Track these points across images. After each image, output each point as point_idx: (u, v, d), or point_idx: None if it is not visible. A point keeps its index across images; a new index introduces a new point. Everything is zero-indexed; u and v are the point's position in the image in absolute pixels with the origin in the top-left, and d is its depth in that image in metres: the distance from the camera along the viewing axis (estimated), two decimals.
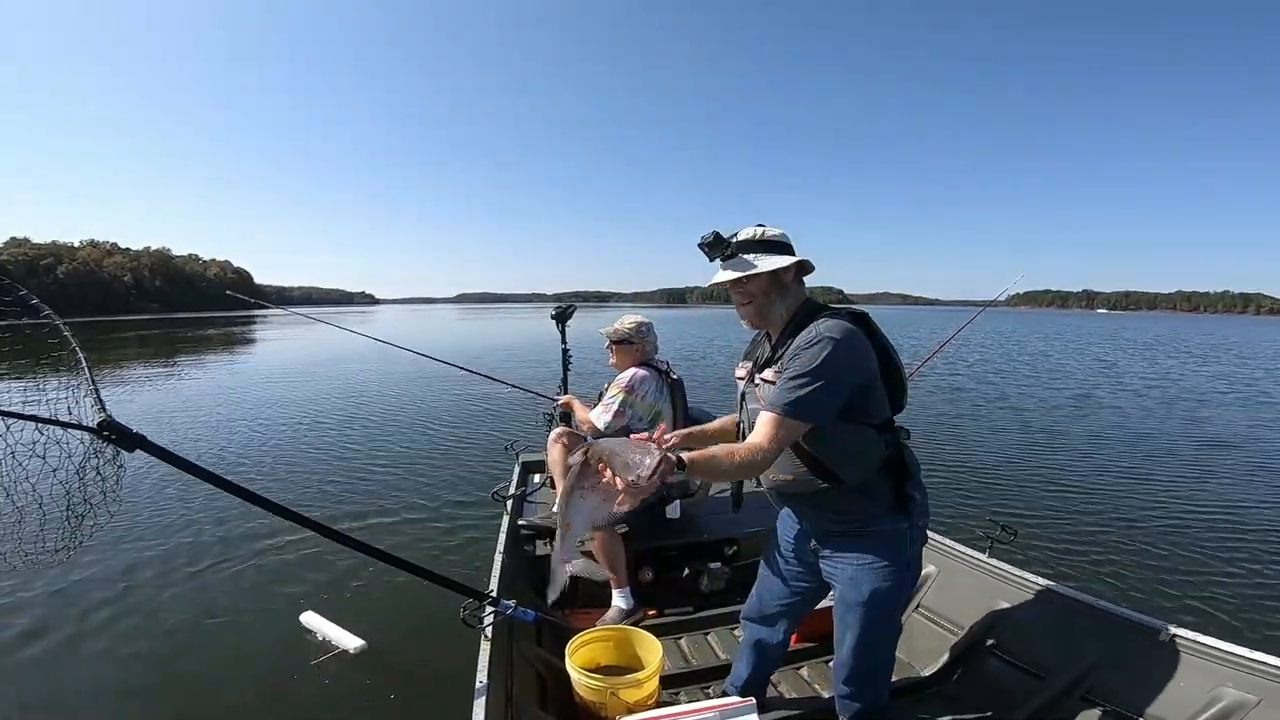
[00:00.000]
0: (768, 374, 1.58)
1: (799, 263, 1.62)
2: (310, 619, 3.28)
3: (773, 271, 1.59)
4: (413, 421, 8.80)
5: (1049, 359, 20.25)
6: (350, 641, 3.08)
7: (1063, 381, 14.50)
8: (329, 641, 3.11)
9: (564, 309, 3.80)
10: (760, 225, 1.66)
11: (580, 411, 3.00)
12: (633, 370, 2.83)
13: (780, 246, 1.63)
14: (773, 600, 1.91)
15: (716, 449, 1.48)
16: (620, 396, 2.77)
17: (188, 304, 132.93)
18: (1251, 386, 14.09)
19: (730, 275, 1.62)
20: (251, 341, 29.11)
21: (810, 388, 1.44)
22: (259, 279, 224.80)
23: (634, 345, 2.91)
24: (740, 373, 1.79)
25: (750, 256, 1.61)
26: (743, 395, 1.75)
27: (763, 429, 1.48)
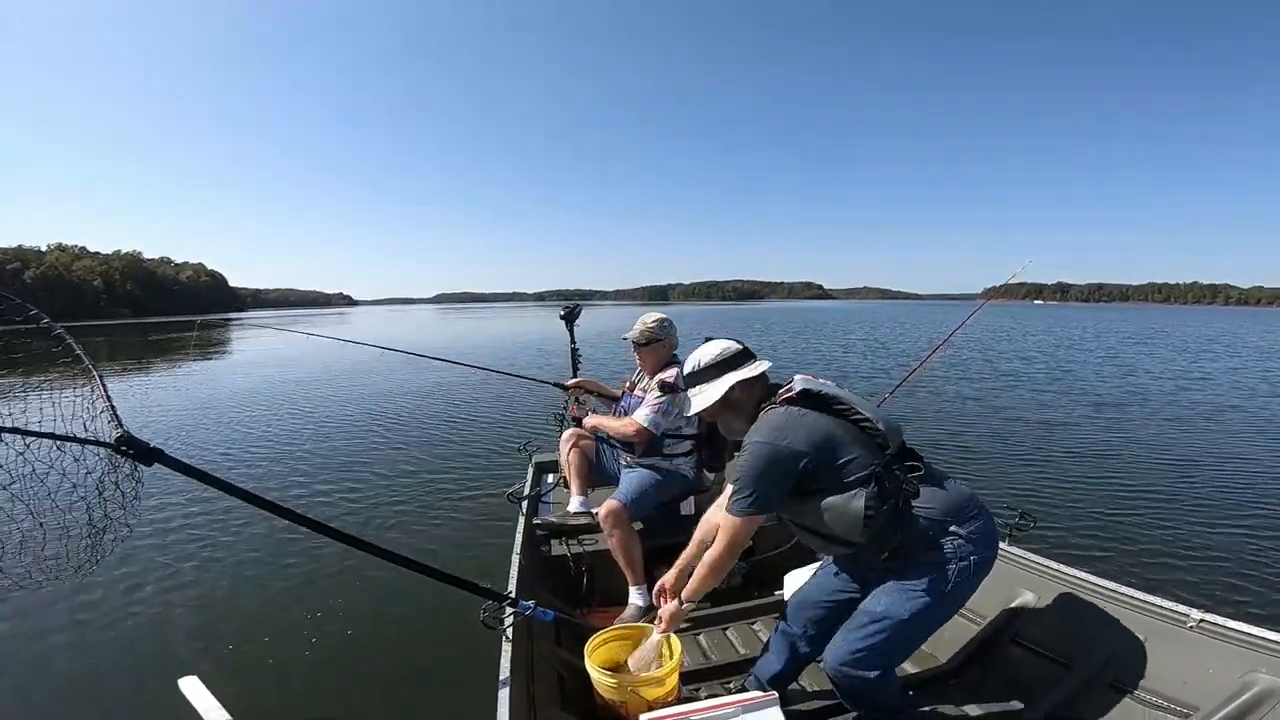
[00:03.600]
0: None
1: (739, 382, 1.76)
2: (189, 686, 2.83)
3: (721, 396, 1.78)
4: (423, 426, 8.73)
5: (1057, 351, 20.18)
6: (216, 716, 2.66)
7: (1076, 371, 14.51)
8: (198, 714, 2.73)
9: (572, 309, 3.82)
10: (706, 342, 1.87)
11: (619, 425, 2.86)
12: (675, 370, 2.81)
13: (719, 368, 1.79)
14: (818, 601, 1.92)
15: (699, 570, 1.81)
16: (668, 396, 2.75)
17: (161, 308, 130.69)
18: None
19: (691, 413, 1.87)
20: (233, 347, 28.61)
21: (746, 491, 1.65)
22: (234, 281, 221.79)
23: (662, 342, 2.88)
24: None
25: (695, 389, 1.82)
26: None
27: (721, 535, 1.75)
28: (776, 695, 1.70)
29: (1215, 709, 1.61)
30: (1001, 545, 2.33)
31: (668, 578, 2.04)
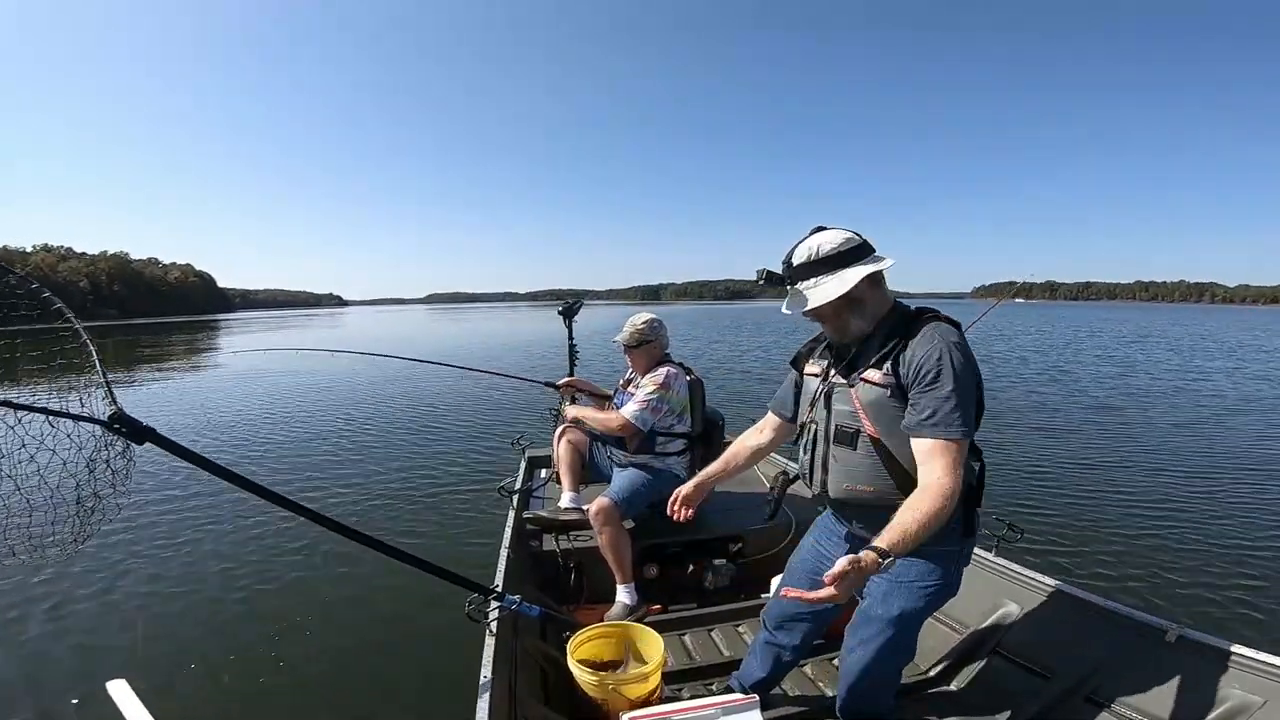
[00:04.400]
0: (875, 375, 1.48)
1: (869, 276, 1.48)
2: (117, 689, 2.78)
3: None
4: (417, 418, 8.74)
5: (1050, 353, 19.78)
6: None
7: (1065, 376, 14.16)
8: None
9: (571, 304, 3.80)
10: (818, 231, 1.54)
11: (603, 417, 2.87)
12: (665, 368, 2.83)
13: (841, 259, 1.48)
14: (801, 611, 1.83)
15: (909, 519, 1.32)
16: (658, 393, 2.75)
17: (148, 309, 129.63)
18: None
19: (792, 312, 1.53)
20: (221, 347, 28.37)
21: (964, 402, 1.38)
22: (222, 282, 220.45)
23: (652, 343, 2.89)
24: (814, 369, 1.69)
25: (810, 282, 1.51)
26: (828, 395, 1.60)
27: (940, 462, 1.37)
28: (757, 698, 1.70)
29: None
30: (987, 555, 2.33)
31: (686, 487, 1.93)
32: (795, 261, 1.53)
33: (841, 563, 1.28)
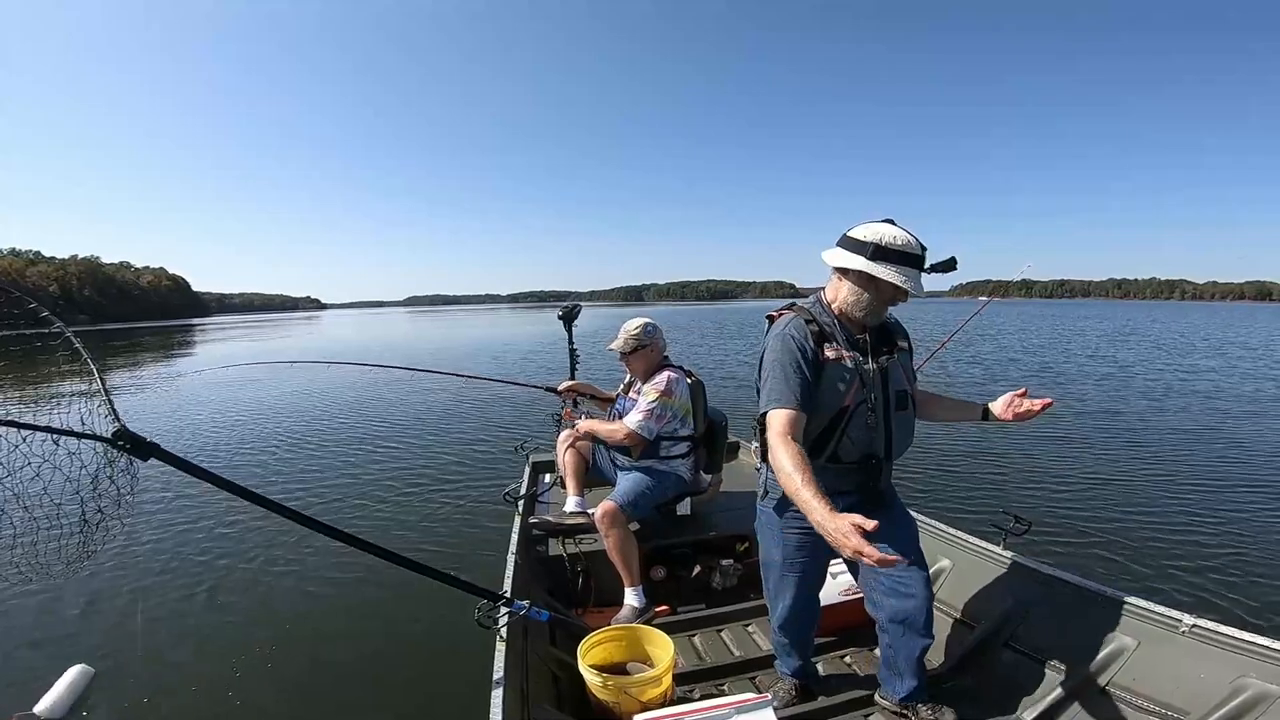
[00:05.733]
0: (905, 344, 1.85)
1: None
2: (72, 674, 2.80)
3: None
4: (419, 426, 8.70)
5: (1039, 353, 19.53)
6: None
7: (1061, 377, 13.96)
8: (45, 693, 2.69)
9: (571, 308, 3.77)
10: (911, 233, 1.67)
11: (610, 429, 2.84)
12: (666, 374, 2.80)
13: None
14: (802, 599, 1.95)
15: None
16: (660, 400, 2.73)
17: (120, 315, 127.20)
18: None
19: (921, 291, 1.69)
20: (200, 354, 27.95)
21: None
22: (197, 286, 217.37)
23: (648, 347, 2.84)
24: (832, 354, 1.69)
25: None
26: (884, 370, 1.72)
27: None
28: (770, 697, 1.70)
29: (1207, 714, 1.61)
30: (996, 548, 2.34)
31: (856, 518, 1.80)
32: (918, 252, 1.66)
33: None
